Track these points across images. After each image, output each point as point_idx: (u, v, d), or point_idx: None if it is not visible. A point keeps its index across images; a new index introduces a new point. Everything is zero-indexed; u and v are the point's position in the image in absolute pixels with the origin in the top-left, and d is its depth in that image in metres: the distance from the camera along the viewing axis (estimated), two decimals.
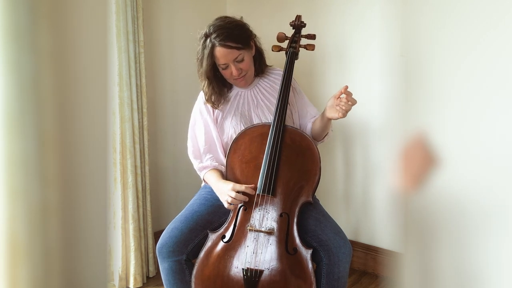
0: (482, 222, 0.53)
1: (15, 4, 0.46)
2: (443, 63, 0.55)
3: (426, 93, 0.57)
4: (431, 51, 0.56)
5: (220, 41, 1.56)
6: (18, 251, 0.48)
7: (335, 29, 2.32)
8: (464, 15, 0.52)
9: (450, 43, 0.54)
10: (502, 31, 0.49)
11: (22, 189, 0.48)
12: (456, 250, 0.56)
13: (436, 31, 0.55)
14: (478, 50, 0.51)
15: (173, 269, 1.52)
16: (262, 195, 1.51)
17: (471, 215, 0.54)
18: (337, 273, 1.50)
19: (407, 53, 0.58)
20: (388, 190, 1.33)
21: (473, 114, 0.52)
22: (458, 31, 0.53)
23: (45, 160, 0.49)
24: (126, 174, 2.15)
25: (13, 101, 0.47)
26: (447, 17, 0.54)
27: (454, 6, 0.54)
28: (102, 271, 0.59)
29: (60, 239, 0.51)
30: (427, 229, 0.58)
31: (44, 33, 0.47)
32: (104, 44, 0.57)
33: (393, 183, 0.59)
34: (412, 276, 0.60)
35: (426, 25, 0.56)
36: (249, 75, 1.67)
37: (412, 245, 0.60)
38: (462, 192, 0.54)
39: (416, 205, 0.58)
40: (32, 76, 0.47)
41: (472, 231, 0.54)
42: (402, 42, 0.59)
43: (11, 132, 0.47)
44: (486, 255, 0.53)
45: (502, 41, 0.49)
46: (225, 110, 1.70)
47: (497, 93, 0.50)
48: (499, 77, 0.50)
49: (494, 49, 0.50)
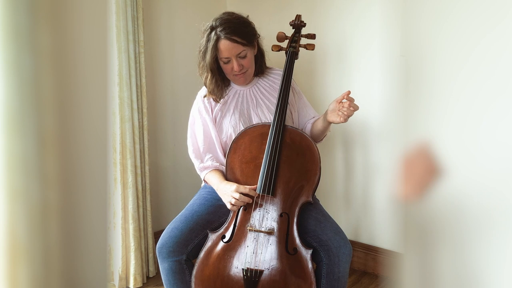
0: (483, 223, 0.53)
1: (15, 4, 0.46)
2: (443, 63, 0.55)
3: (427, 93, 0.57)
4: (431, 51, 0.56)
5: (226, 34, 1.56)
6: (18, 251, 0.48)
7: (335, 29, 2.32)
8: (465, 14, 0.52)
9: (451, 43, 0.54)
10: (504, 32, 0.49)
11: (22, 189, 0.48)
12: (457, 251, 0.56)
13: (436, 31, 0.55)
14: (479, 51, 0.51)
15: (173, 269, 1.52)
16: (262, 195, 1.51)
17: (471, 215, 0.54)
18: (337, 273, 1.50)
19: (407, 53, 0.57)
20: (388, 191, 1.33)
21: (474, 115, 0.52)
22: (459, 31, 0.53)
23: (45, 160, 0.49)
24: (126, 174, 2.15)
25: (13, 101, 0.47)
26: (448, 17, 0.54)
27: (455, 5, 0.53)
28: (102, 271, 0.59)
29: (60, 239, 0.51)
30: (427, 229, 0.58)
31: (44, 33, 0.47)
32: (104, 44, 0.57)
33: (394, 191, 0.59)
34: (412, 276, 0.60)
35: (426, 25, 0.56)
36: (249, 73, 1.67)
37: (412, 245, 0.60)
38: (462, 192, 0.54)
39: (416, 205, 0.58)
40: (32, 76, 0.47)
41: (472, 232, 0.54)
42: (402, 42, 0.59)
43: (11, 132, 0.47)
44: (487, 256, 0.53)
45: (503, 42, 0.49)
46: (224, 109, 1.70)
47: (499, 94, 0.50)
48: (501, 77, 0.50)
49: (496, 50, 0.50)
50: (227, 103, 1.71)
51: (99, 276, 0.58)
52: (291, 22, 1.76)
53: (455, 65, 0.54)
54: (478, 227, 0.53)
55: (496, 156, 0.50)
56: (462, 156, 0.53)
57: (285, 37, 1.70)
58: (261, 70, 1.74)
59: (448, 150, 0.54)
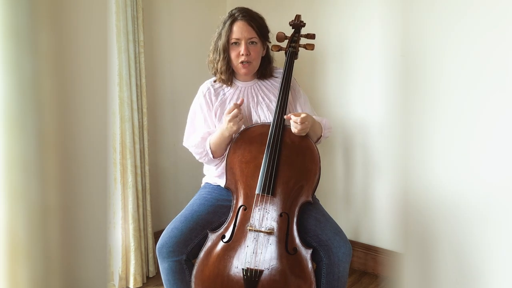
0: (482, 223, 0.53)
1: (15, 4, 0.46)
2: (443, 63, 0.55)
3: (426, 93, 0.57)
4: (431, 51, 0.56)
5: (242, 17, 1.64)
6: (18, 251, 0.48)
7: (335, 28, 2.32)
8: (464, 15, 0.52)
9: (450, 43, 0.54)
10: (502, 32, 0.49)
11: (22, 189, 0.48)
12: (456, 250, 0.56)
13: (436, 32, 0.55)
14: (478, 50, 0.51)
15: (173, 269, 1.52)
16: (262, 195, 1.51)
17: (470, 215, 0.54)
18: (337, 273, 1.50)
19: (407, 53, 0.58)
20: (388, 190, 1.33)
21: (473, 114, 0.52)
22: (458, 31, 0.53)
23: (45, 160, 0.49)
24: (126, 174, 2.15)
25: (13, 101, 0.47)
26: (447, 17, 0.54)
27: (454, 6, 0.54)
28: (102, 271, 0.59)
29: (60, 239, 0.51)
30: (427, 229, 0.58)
31: (44, 33, 0.47)
32: (104, 44, 0.57)
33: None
34: (412, 276, 0.60)
35: (426, 25, 0.56)
36: (253, 65, 1.68)
37: (412, 245, 0.60)
38: (461, 192, 0.54)
39: (416, 206, 0.58)
40: (32, 76, 0.47)
41: (471, 231, 0.54)
42: (402, 42, 0.59)
43: (11, 132, 0.47)
44: (486, 255, 0.53)
45: (500, 42, 0.49)
46: (224, 105, 1.71)
47: (497, 93, 0.50)
48: (499, 76, 0.50)
49: (494, 50, 0.50)
50: (227, 98, 1.72)
51: (99, 276, 0.58)
52: (291, 22, 1.76)
53: (454, 65, 0.54)
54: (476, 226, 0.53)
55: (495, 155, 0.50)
56: (461, 155, 0.53)
57: (284, 37, 1.71)
58: (265, 73, 1.75)
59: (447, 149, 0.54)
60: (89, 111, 0.55)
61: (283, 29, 1.74)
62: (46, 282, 0.50)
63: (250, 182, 1.54)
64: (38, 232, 0.49)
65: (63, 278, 0.52)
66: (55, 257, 0.51)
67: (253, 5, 1.77)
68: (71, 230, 0.53)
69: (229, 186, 1.58)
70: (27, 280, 0.49)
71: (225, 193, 1.65)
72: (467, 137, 0.54)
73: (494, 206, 0.52)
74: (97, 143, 0.57)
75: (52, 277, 0.51)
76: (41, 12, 0.47)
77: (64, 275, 0.52)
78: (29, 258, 0.49)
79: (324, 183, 2.35)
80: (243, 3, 1.85)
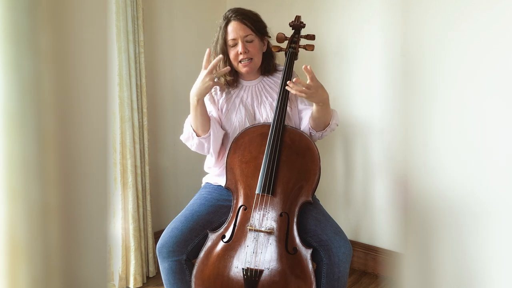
0: (482, 223, 0.53)
1: (15, 5, 0.46)
2: (442, 63, 0.55)
3: (426, 92, 0.57)
4: (431, 51, 0.56)
5: (235, 17, 1.64)
6: (18, 251, 0.48)
7: (334, 29, 2.32)
8: (464, 15, 0.52)
9: (450, 43, 0.54)
10: (502, 32, 0.49)
11: (22, 189, 0.48)
12: (456, 250, 0.56)
13: (436, 31, 0.55)
14: (478, 50, 0.51)
15: (173, 269, 1.52)
16: (262, 194, 1.51)
17: (470, 215, 0.54)
18: (337, 273, 1.50)
19: (407, 53, 0.58)
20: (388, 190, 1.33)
21: (473, 114, 0.52)
22: (458, 31, 0.53)
23: (45, 160, 0.49)
24: (126, 174, 2.15)
25: (13, 101, 0.47)
26: (447, 17, 0.54)
27: (454, 6, 0.54)
28: (102, 271, 0.59)
29: (60, 239, 0.51)
30: (427, 229, 0.58)
31: (44, 34, 0.47)
32: (104, 44, 0.57)
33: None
34: (412, 276, 0.60)
35: (426, 25, 0.56)
36: (255, 62, 1.67)
37: (412, 245, 0.60)
38: (462, 192, 0.54)
39: (416, 206, 0.58)
40: (32, 76, 0.47)
41: (471, 231, 0.54)
42: (402, 42, 0.59)
43: (11, 132, 0.47)
44: (486, 255, 0.53)
45: (500, 41, 0.49)
46: (229, 102, 1.71)
47: (496, 93, 0.50)
48: (499, 76, 0.50)
49: (493, 49, 0.50)
50: (232, 97, 1.72)
51: (99, 276, 0.58)
52: (291, 22, 1.76)
53: (454, 65, 0.54)
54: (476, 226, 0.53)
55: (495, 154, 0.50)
56: (461, 154, 0.53)
57: (284, 38, 1.71)
58: (268, 69, 1.75)
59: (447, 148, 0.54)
60: (89, 111, 0.55)
61: (283, 30, 1.74)
62: (46, 282, 0.50)
63: (250, 182, 1.54)
64: (38, 232, 0.49)
65: (63, 278, 0.52)
66: (55, 257, 0.51)
67: (253, 6, 1.77)
68: (71, 230, 0.53)
69: (229, 186, 1.58)
70: (27, 280, 0.49)
71: (225, 193, 1.65)
72: (468, 137, 0.54)
73: (494, 206, 0.52)
74: (97, 143, 0.57)
75: (52, 277, 0.51)
76: (41, 12, 0.47)
77: (64, 275, 0.52)
78: (29, 258, 0.49)
79: (324, 183, 2.35)
80: (243, 4, 1.85)
